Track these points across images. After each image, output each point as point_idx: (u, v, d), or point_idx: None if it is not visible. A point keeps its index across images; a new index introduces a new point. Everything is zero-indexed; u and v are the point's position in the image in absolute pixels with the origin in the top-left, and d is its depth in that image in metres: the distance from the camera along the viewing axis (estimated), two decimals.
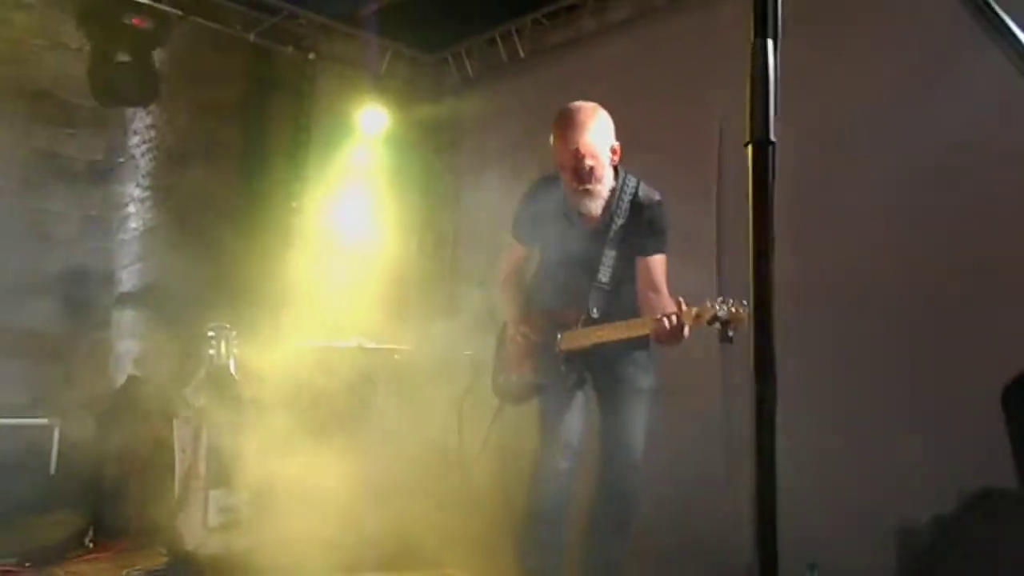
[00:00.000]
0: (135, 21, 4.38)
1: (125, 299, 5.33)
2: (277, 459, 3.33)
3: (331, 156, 4.95)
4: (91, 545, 3.43)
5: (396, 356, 4.06)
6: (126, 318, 5.32)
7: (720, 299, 2.30)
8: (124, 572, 3.12)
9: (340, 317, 4.07)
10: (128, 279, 5.40)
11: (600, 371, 2.82)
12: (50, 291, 4.97)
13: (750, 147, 0.95)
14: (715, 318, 2.29)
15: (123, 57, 4.51)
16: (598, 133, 2.70)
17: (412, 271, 4.49)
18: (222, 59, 5.17)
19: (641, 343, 2.79)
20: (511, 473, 3.05)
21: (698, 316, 2.35)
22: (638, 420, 2.78)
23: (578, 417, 2.81)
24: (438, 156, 5.02)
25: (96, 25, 4.49)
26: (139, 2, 4.46)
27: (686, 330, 2.39)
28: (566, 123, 2.69)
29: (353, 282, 4.38)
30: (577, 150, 2.67)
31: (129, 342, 5.29)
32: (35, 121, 4.88)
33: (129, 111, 5.29)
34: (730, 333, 2.26)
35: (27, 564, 3.07)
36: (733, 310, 2.27)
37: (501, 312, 3.04)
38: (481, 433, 3.17)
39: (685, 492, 3.11)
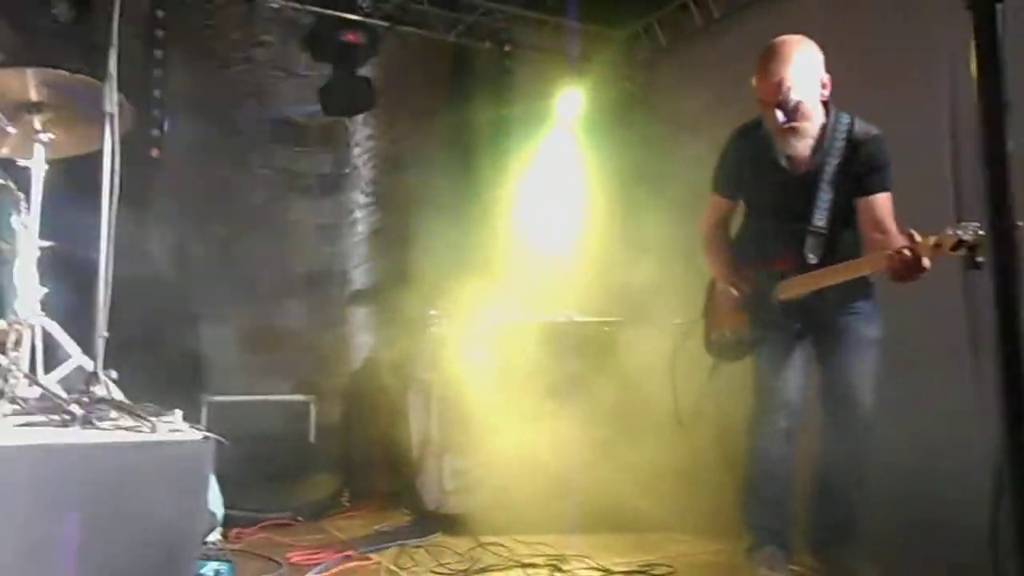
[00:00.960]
0: (350, 37, 4.82)
1: (358, 295, 5.90)
2: (500, 426, 3.53)
3: (532, 142, 5.12)
4: (347, 504, 3.86)
5: (606, 328, 4.11)
6: (360, 312, 5.90)
7: (961, 224, 2.08)
8: (375, 528, 3.47)
9: (552, 293, 4.21)
10: (359, 278, 5.99)
11: (820, 322, 2.66)
12: (297, 293, 5.65)
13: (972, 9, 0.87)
14: (959, 243, 2.06)
15: (343, 72, 4.99)
16: (804, 65, 2.54)
17: (618, 245, 4.52)
18: (427, 63, 5.56)
19: (864, 291, 2.61)
20: (729, 433, 2.98)
21: (937, 245, 2.14)
22: (864, 374, 2.59)
23: (797, 372, 2.69)
24: (636, 130, 5.01)
25: (319, 47, 5.01)
26: (352, 19, 4.91)
27: (925, 262, 2.18)
28: (769, 56, 2.56)
29: (562, 260, 4.51)
30: (780, 82, 2.52)
31: (364, 333, 5.87)
32: (275, 143, 5.57)
33: (351, 125, 5.86)
34: (979, 259, 2.00)
35: (299, 519, 3.51)
36: (981, 232, 1.99)
37: (708, 269, 2.98)
38: (695, 394, 3.13)
39: (925, 455, 2.85)
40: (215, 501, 2.78)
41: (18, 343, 2.68)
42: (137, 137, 4.32)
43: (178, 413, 2.48)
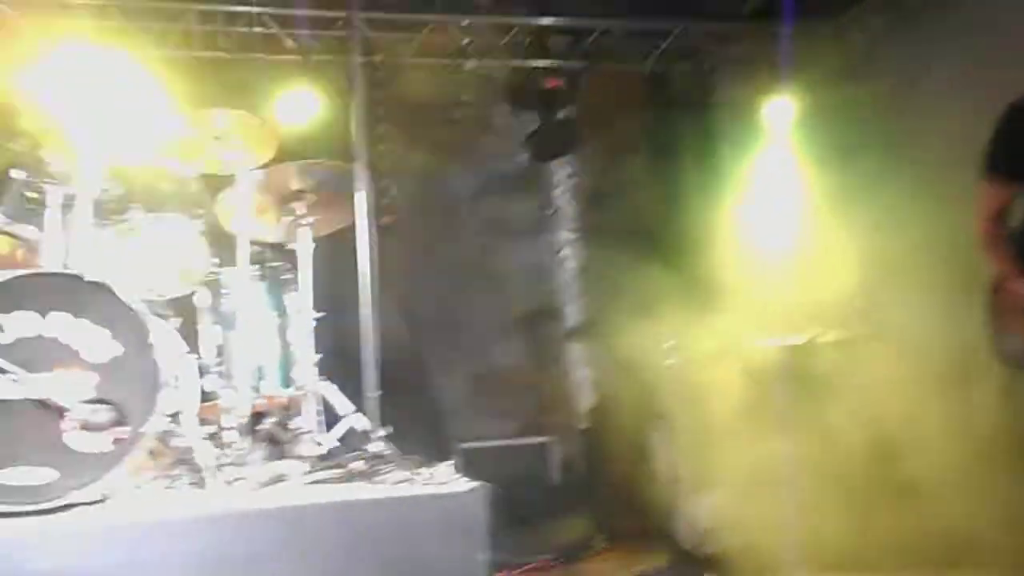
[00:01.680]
0: (551, 83, 4.94)
1: (574, 332, 5.96)
2: (753, 458, 3.34)
3: (745, 157, 4.91)
4: (600, 546, 3.82)
5: (855, 345, 3.79)
6: (577, 348, 5.94)
7: None
8: (634, 571, 3.40)
9: (784, 313, 3.96)
10: (573, 314, 6.06)
11: None
12: (513, 335, 5.82)
13: None
14: None
15: (546, 118, 5.12)
16: None
17: (852, 255, 4.17)
18: (623, 94, 5.56)
19: None
20: None
21: None
22: None
23: None
24: (861, 128, 4.63)
25: (521, 97, 5.19)
26: (550, 67, 5.03)
27: None
28: None
29: (791, 277, 4.23)
30: None
31: (584, 369, 5.89)
32: (482, 194, 5.84)
33: (550, 167, 5.99)
34: None
35: (557, 562, 3.53)
36: None
37: (990, 268, 2.64)
38: (981, 414, 2.76)
39: None
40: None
41: (301, 406, 2.95)
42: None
43: (450, 464, 2.60)
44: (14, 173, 2.53)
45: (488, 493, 2.36)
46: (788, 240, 4.71)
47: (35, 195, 2.52)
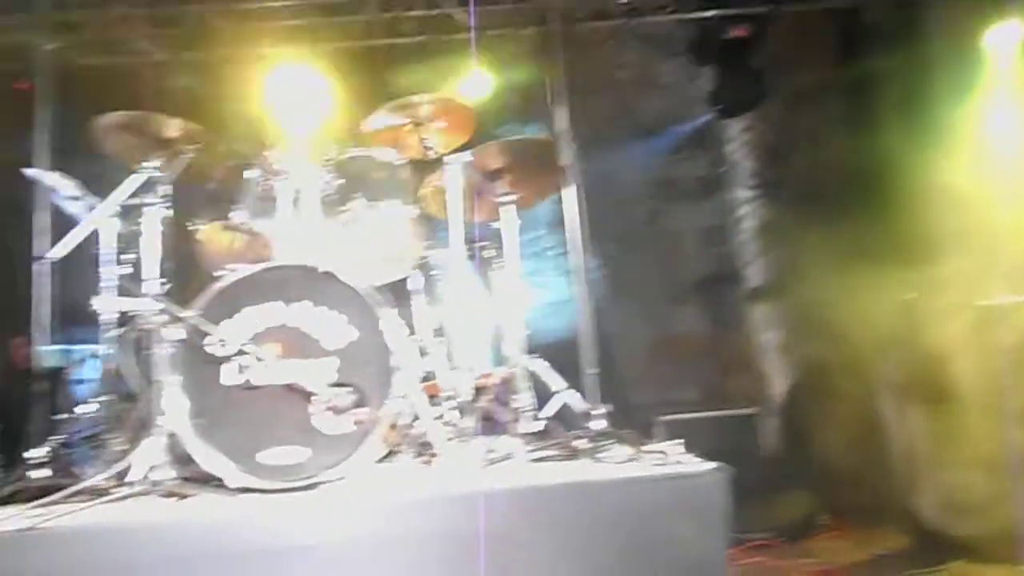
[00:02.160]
0: (737, 33, 4.63)
1: (755, 294, 5.65)
2: (997, 432, 2.99)
3: (964, 93, 4.36)
4: (826, 524, 3.58)
5: None
6: (759, 311, 5.63)
7: None
8: (871, 552, 3.16)
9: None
10: (753, 275, 5.73)
11: None
12: (688, 299, 5.61)
13: None
14: None
15: (732, 71, 4.82)
16: None
17: None
18: (808, 37, 5.11)
19: None
20: None
21: None
22: None
23: None
24: None
25: (700, 50, 4.91)
26: (735, 14, 4.70)
27: None
28: None
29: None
30: None
31: (767, 333, 5.57)
32: (649, 155, 5.63)
33: (721, 122, 5.66)
34: None
35: (780, 539, 3.34)
36: None
37: None
38: None
39: None
40: None
41: (516, 384, 2.95)
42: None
43: (678, 442, 2.51)
44: (248, 174, 2.69)
45: (726, 474, 2.25)
46: (1018, 184, 4.15)
47: (267, 192, 2.67)
